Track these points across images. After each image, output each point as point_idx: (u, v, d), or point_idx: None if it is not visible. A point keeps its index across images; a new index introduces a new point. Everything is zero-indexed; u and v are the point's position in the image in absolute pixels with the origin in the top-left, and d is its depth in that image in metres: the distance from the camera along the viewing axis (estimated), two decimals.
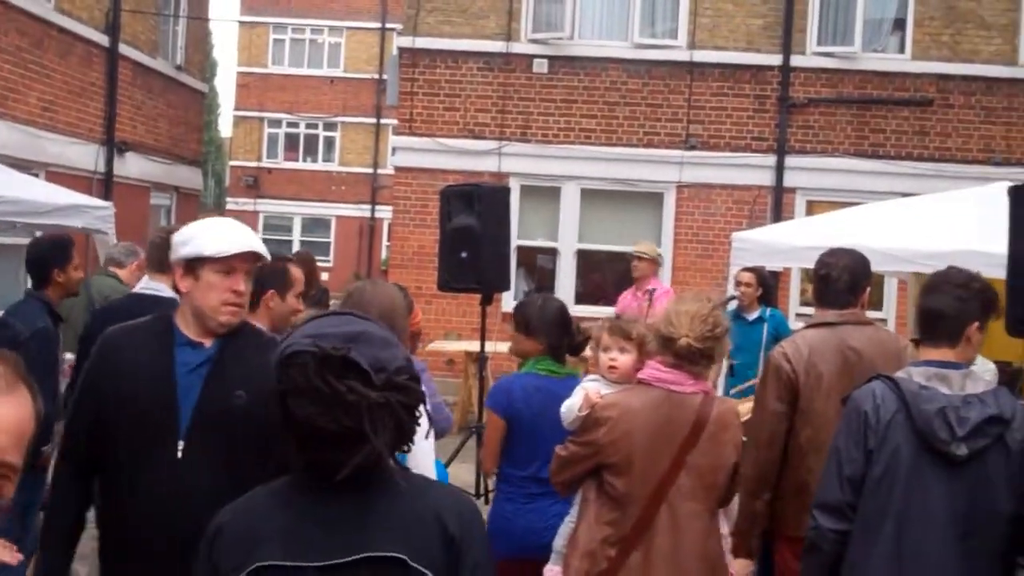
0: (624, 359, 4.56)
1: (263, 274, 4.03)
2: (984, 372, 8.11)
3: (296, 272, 4.62)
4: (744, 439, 4.48)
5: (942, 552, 3.42)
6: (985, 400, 3.48)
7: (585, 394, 4.34)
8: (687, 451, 4.06)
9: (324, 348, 2.12)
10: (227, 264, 3.40)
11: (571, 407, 4.45)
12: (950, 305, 3.64)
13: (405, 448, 2.26)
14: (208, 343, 3.44)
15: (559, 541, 4.54)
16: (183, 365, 3.39)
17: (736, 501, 4.63)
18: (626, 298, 10.28)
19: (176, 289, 3.58)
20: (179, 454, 3.30)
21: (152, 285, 5.65)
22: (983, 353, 8.36)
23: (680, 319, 4.05)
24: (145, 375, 3.36)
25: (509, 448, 4.96)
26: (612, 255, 15.24)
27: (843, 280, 4.81)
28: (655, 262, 10.10)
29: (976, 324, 3.63)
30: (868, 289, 4.96)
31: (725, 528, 5.48)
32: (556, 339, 5.03)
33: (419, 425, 2.25)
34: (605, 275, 15.09)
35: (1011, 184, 6.07)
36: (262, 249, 3.50)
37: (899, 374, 3.56)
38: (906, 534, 3.43)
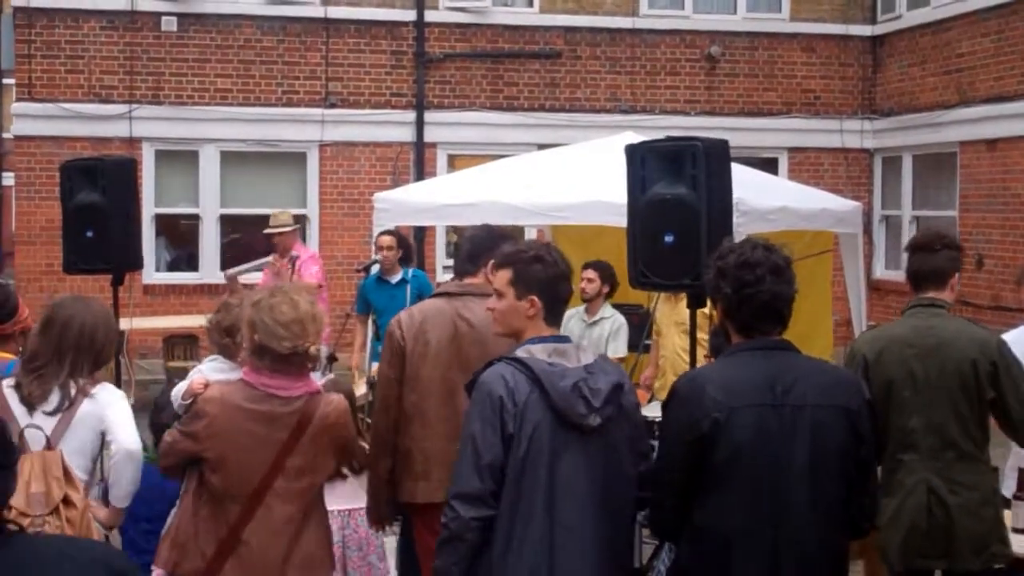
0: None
1: None
2: (617, 325, 8.57)
3: None
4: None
5: (588, 522, 3.51)
6: (604, 369, 3.60)
7: (191, 382, 4.28)
8: (287, 454, 3.99)
9: None
10: None
11: (178, 392, 4.38)
12: (568, 289, 3.81)
13: None
14: None
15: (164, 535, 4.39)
16: None
17: None
18: (273, 266, 10.10)
19: None
20: None
21: None
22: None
23: (277, 329, 3.94)
24: None
25: None
26: (258, 218, 14.89)
27: (464, 250, 4.88)
28: (295, 232, 9.96)
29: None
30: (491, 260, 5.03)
31: None
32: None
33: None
34: (253, 237, 14.67)
35: (628, 143, 6.34)
36: None
37: (520, 353, 3.58)
38: (556, 510, 3.49)
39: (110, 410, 4.25)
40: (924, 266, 4.72)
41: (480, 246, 4.82)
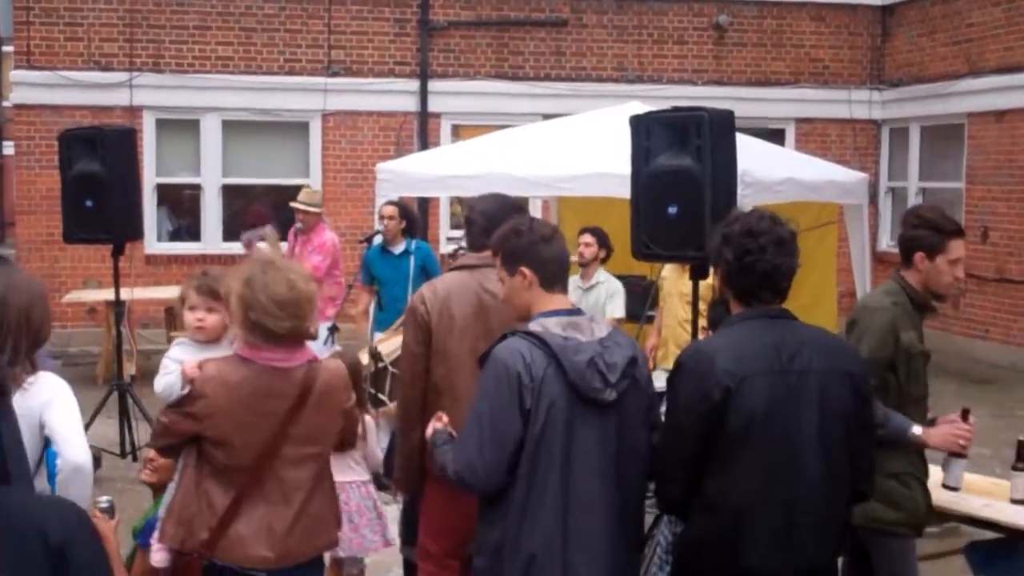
0: (212, 319, 4.46)
1: None
2: (612, 288, 8.57)
3: None
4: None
5: (602, 494, 3.54)
6: (618, 342, 3.61)
7: (182, 371, 4.17)
8: (291, 423, 3.95)
9: None
10: None
11: (170, 386, 4.30)
12: (566, 254, 3.81)
13: None
14: None
15: (161, 510, 4.33)
16: None
17: None
18: (290, 239, 10.12)
19: None
20: None
21: None
22: (614, 269, 8.81)
23: (272, 309, 3.86)
24: None
25: None
26: (260, 188, 14.81)
27: (479, 224, 4.84)
28: (318, 215, 9.91)
29: None
30: None
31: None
32: None
33: None
34: (264, 204, 14.55)
35: (633, 113, 6.25)
36: None
37: (534, 327, 3.58)
38: (572, 482, 3.51)
39: (50, 412, 3.56)
40: (898, 241, 4.71)
41: (494, 217, 4.76)
